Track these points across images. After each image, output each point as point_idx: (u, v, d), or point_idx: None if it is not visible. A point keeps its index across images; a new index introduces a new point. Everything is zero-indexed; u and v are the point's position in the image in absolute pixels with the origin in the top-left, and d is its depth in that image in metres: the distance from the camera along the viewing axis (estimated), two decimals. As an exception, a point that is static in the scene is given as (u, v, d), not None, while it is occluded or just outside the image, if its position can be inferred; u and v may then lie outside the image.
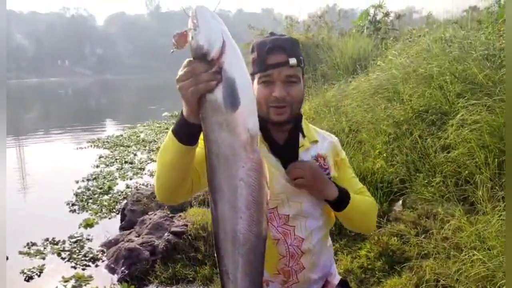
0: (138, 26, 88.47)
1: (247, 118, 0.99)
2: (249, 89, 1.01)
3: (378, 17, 11.92)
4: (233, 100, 0.97)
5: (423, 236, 3.38)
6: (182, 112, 1.08)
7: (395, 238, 3.49)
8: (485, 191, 3.22)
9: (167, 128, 12.85)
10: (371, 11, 11.84)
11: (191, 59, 1.01)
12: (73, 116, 19.80)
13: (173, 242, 4.06)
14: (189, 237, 4.12)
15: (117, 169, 7.98)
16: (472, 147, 3.67)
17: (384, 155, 4.74)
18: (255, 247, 1.05)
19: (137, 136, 11.58)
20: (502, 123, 3.59)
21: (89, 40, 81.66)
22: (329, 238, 1.54)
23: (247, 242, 1.04)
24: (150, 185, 6.44)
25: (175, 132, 1.11)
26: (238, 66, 0.99)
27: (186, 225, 4.28)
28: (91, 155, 9.22)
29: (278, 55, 1.30)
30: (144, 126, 13.64)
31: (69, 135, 13.09)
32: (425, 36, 6.86)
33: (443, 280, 2.82)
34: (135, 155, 9.25)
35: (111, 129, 14.40)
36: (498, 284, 2.52)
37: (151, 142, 10.62)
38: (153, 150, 9.68)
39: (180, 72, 1.00)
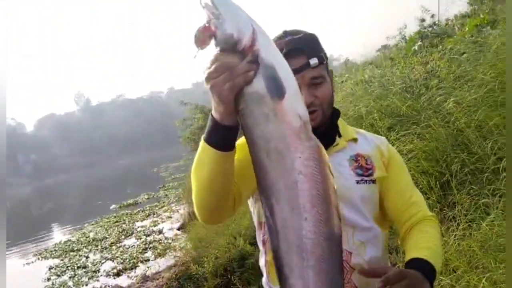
0: (70, 124, 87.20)
1: (295, 103, 0.88)
2: (290, 73, 0.90)
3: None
4: (278, 88, 0.86)
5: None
6: (212, 117, 0.95)
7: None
8: (436, 214, 3.31)
9: (117, 221, 12.38)
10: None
11: (218, 52, 0.88)
12: (17, 231, 18.63)
13: None
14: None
15: (70, 277, 7.48)
16: (414, 175, 3.80)
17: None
18: (327, 253, 0.85)
19: (86, 237, 11.02)
20: (435, 147, 3.78)
21: (21, 148, 79.12)
22: (387, 255, 1.32)
23: (317, 248, 0.85)
24: (109, 285, 6.05)
25: (209, 140, 0.98)
26: (273, 51, 0.90)
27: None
28: (41, 268, 8.60)
29: (297, 58, 1.16)
30: (93, 224, 13.05)
31: (16, 251, 12.24)
32: (347, 81, 7.28)
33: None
34: (87, 257, 8.75)
35: (59, 235, 13.65)
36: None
37: (102, 239, 10.13)
38: (105, 248, 9.21)
39: (209, 70, 0.87)
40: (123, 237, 10.04)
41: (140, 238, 9.40)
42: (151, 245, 8.39)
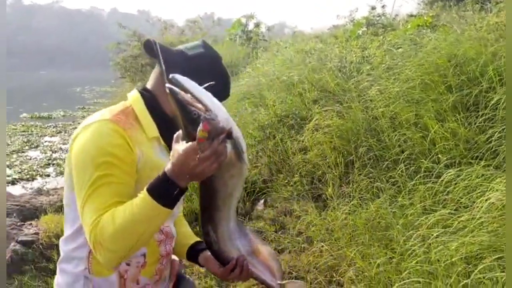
0: (-6, 19, 79.07)
1: (246, 158, 1.15)
2: (242, 138, 1.12)
3: (250, 27, 12.39)
4: (241, 151, 1.10)
5: (280, 232, 3.56)
6: (174, 183, 1.07)
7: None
8: (334, 188, 3.51)
9: (24, 131, 11.70)
10: (243, 20, 12.26)
11: (204, 140, 1.01)
12: None
13: (20, 252, 3.67)
14: (41, 246, 3.77)
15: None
16: (325, 149, 3.98)
17: (250, 157, 4.91)
18: None
19: (-14, 139, 10.30)
20: (350, 127, 3.96)
21: None
22: None
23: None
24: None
25: (170, 200, 1.08)
26: (233, 122, 1.09)
27: (37, 234, 3.91)
28: None
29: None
30: (-3, 127, 12.21)
31: None
32: (289, 47, 7.31)
33: (295, 272, 2.99)
34: (-18, 159, 8.22)
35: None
36: (341, 272, 2.75)
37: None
38: (6, 154, 8.70)
39: (201, 155, 1.01)
40: (27, 147, 9.54)
41: (45, 153, 9.00)
42: (54, 162, 8.07)
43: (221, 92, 1.25)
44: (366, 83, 4.32)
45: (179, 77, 1.04)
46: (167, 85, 1.03)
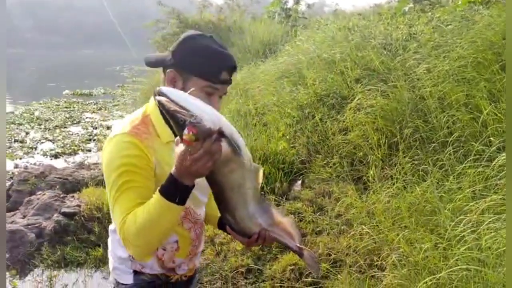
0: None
1: (246, 152, 1.21)
2: (238, 133, 1.20)
3: (289, 5, 12.14)
4: (239, 146, 1.17)
5: (318, 213, 3.49)
6: (180, 182, 1.17)
7: (293, 215, 3.56)
8: (376, 170, 3.39)
9: (66, 107, 12.02)
10: (283, -2, 12.02)
11: (191, 143, 1.08)
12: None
13: (63, 223, 3.77)
14: (82, 218, 3.86)
15: (5, 147, 7.28)
16: (367, 129, 3.84)
17: (287, 137, 4.83)
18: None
19: (30, 114, 10.65)
20: (394, 107, 3.80)
21: (-20, 8, 73.51)
22: None
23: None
24: (43, 164, 5.95)
25: (178, 198, 1.19)
26: (227, 122, 1.17)
27: (79, 206, 4.00)
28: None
29: (231, 73, 1.36)
30: (40, 103, 12.60)
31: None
32: (331, 24, 7.09)
33: (334, 254, 2.92)
34: (27, 133, 8.50)
35: (8, 107, 13.16)
36: (383, 257, 2.66)
37: (47, 120, 9.84)
38: (49, 129, 8.97)
39: (194, 156, 1.10)
40: (69, 123, 9.79)
41: (87, 129, 9.21)
42: (95, 137, 8.26)
43: (214, 72, 1.32)
44: (412, 61, 4.12)
45: (164, 88, 1.14)
46: (156, 97, 1.14)
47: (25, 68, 33.69)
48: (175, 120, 1.11)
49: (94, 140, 8.15)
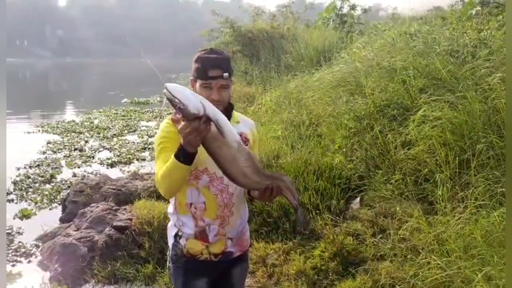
0: (102, 10, 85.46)
1: (232, 136, 1.64)
2: (225, 120, 1.65)
3: (344, 11, 11.82)
4: (221, 130, 1.60)
5: (379, 236, 3.22)
6: (184, 149, 1.62)
7: (351, 237, 3.31)
8: (445, 190, 3.08)
9: (124, 115, 12.35)
10: (338, 4, 11.72)
11: (187, 122, 1.55)
12: (31, 100, 18.79)
13: (114, 237, 3.74)
14: (133, 232, 3.81)
15: (65, 156, 7.50)
16: (433, 144, 3.53)
17: (344, 150, 4.58)
18: None
19: (90, 122, 11.01)
20: (464, 120, 3.47)
21: (49, 20, 78.15)
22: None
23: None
24: (100, 174, 6.04)
25: (182, 160, 1.64)
26: (214, 110, 1.61)
27: (131, 219, 3.96)
28: (40, 141, 8.66)
29: (216, 70, 1.79)
30: (100, 112, 13.03)
31: (24, 118, 12.35)
32: (390, 30, 6.74)
33: (398, 286, 2.65)
34: (86, 142, 8.76)
35: (68, 114, 13.73)
36: (456, 291, 2.36)
37: (105, 129, 10.12)
38: (106, 138, 9.20)
39: (185, 132, 1.56)
40: (126, 131, 10.00)
41: (142, 137, 9.36)
42: (150, 146, 8.35)
43: (202, 72, 1.80)
44: (484, 69, 3.75)
45: (168, 85, 1.57)
46: (164, 91, 1.56)
47: (88, 77, 35.36)
48: (173, 106, 1.55)
49: (148, 148, 8.24)
